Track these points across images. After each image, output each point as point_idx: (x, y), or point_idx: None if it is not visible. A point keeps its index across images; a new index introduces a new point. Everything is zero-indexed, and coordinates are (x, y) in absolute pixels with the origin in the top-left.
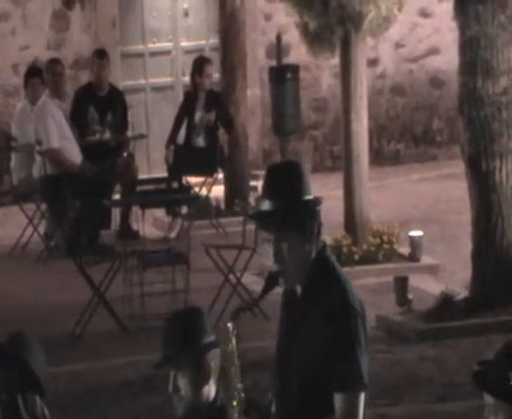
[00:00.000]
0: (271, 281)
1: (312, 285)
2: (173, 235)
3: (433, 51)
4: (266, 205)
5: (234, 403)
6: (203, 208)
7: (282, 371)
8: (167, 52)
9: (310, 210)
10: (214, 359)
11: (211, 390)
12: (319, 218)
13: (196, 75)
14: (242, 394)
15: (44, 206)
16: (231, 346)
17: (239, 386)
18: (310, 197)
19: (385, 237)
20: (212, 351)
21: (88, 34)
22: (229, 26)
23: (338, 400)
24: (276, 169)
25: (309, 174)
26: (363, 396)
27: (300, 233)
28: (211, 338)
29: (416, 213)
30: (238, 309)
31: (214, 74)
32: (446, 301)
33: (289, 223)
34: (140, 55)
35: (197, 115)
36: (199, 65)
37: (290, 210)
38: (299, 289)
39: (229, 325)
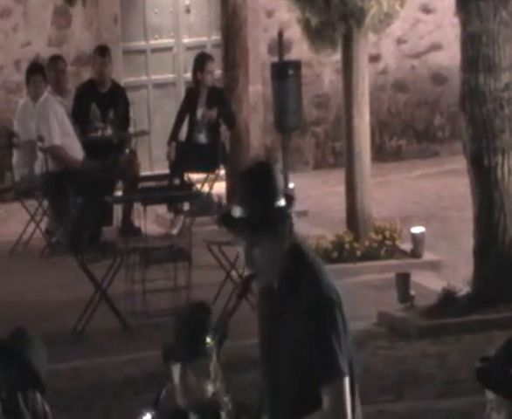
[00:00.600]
0: (245, 286)
1: (287, 279)
2: (175, 231)
3: (435, 47)
4: (237, 212)
5: (224, 415)
6: (204, 204)
7: (269, 368)
8: (169, 49)
9: (282, 215)
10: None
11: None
12: (290, 220)
13: (197, 72)
14: (230, 406)
15: (46, 203)
16: (213, 363)
17: (226, 399)
18: (282, 202)
19: (387, 234)
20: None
21: (90, 31)
22: (231, 23)
23: (322, 393)
24: (247, 175)
25: (311, 170)
26: (345, 383)
27: (272, 237)
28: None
29: (418, 209)
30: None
31: (216, 71)
32: (447, 297)
33: (261, 229)
34: (142, 52)
35: (199, 112)
36: (201, 61)
37: (262, 218)
38: (275, 284)
39: (208, 340)
